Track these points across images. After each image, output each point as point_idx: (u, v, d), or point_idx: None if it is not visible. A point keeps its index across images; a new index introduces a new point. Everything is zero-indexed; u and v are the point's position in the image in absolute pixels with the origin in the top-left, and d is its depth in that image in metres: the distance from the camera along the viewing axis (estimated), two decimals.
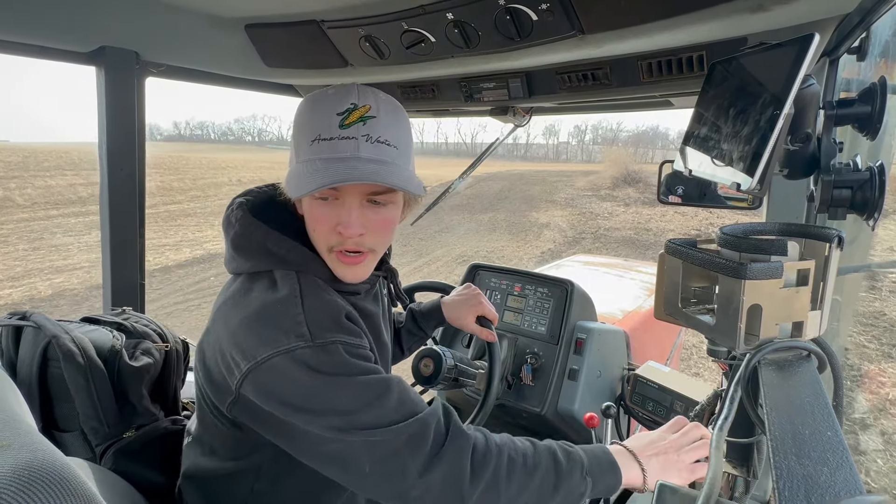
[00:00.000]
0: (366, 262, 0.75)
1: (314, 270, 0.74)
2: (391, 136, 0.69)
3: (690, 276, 0.68)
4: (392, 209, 0.74)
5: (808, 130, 0.63)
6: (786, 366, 0.56)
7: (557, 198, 18.91)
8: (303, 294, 0.69)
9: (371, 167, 0.66)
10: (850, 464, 0.38)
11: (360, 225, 0.70)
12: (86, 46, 1.07)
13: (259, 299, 0.69)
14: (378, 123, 0.68)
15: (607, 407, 0.92)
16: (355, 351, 0.67)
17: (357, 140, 0.67)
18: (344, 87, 0.70)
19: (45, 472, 0.36)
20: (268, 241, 0.73)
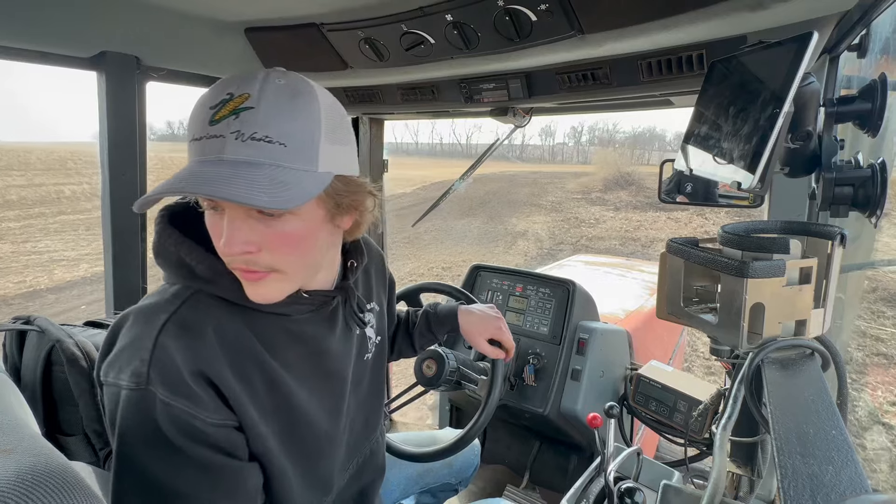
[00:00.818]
0: (269, 281, 0.62)
1: (225, 289, 0.63)
2: (276, 132, 0.55)
3: (692, 275, 0.68)
4: (291, 223, 0.60)
5: (809, 128, 0.63)
6: (789, 364, 0.56)
7: (544, 201, 17.94)
8: (164, 327, 0.59)
9: (231, 172, 0.53)
10: (856, 462, 0.38)
11: (243, 242, 0.58)
12: (87, 52, 1.07)
13: (135, 311, 0.62)
14: (256, 116, 0.55)
15: (610, 407, 0.91)
16: (187, 421, 0.57)
17: (224, 139, 0.54)
18: (234, 76, 0.58)
19: (48, 477, 0.36)
20: (181, 251, 0.64)
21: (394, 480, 1.17)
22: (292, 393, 0.68)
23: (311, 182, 0.57)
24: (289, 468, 0.69)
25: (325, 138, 0.59)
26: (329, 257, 0.72)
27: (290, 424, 0.69)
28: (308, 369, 0.72)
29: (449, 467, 1.26)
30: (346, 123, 0.66)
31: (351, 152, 0.66)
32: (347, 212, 0.68)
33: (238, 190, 0.52)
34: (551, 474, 1.73)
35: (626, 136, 55.02)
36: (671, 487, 0.76)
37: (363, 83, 1.35)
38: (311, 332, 0.72)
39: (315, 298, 0.71)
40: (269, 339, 0.67)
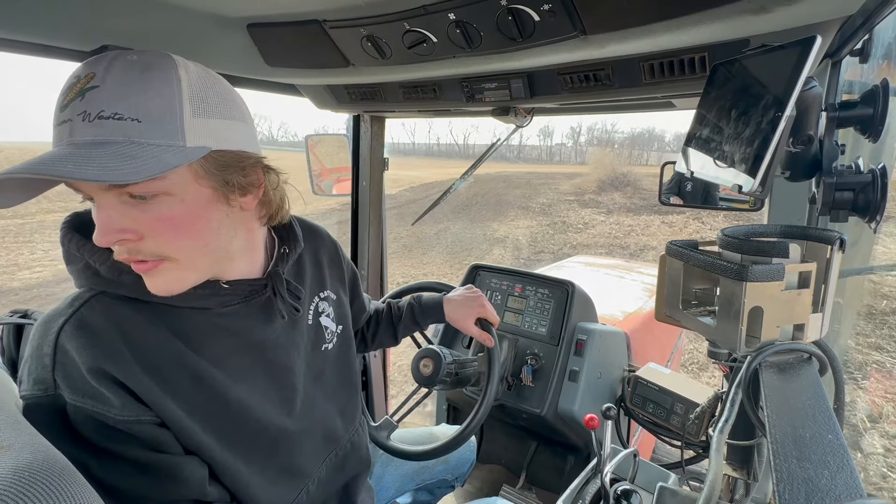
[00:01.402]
0: (162, 271, 0.59)
1: (129, 288, 0.61)
2: (125, 107, 0.52)
3: (691, 277, 0.68)
4: (168, 204, 0.56)
5: (810, 132, 0.63)
6: (787, 368, 0.56)
7: (533, 204, 16.85)
8: (61, 331, 0.57)
9: (70, 153, 0.50)
10: (851, 467, 0.38)
11: (117, 229, 0.55)
12: (87, 45, 1.07)
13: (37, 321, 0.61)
14: (101, 94, 0.51)
15: (608, 408, 0.92)
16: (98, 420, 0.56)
17: (71, 122, 0.52)
18: (91, 58, 0.55)
19: (45, 474, 0.36)
20: (84, 253, 0.62)
21: (389, 477, 1.17)
22: (225, 387, 0.67)
23: (171, 156, 0.53)
24: (236, 461, 0.68)
25: (190, 111, 0.56)
26: (240, 242, 0.68)
27: (227, 419, 0.67)
28: (244, 362, 0.70)
29: (445, 463, 1.26)
30: (228, 98, 0.62)
31: (237, 127, 0.62)
32: (244, 191, 0.64)
33: (66, 166, 0.48)
34: (548, 475, 1.73)
35: (624, 136, 54.71)
36: (667, 489, 0.76)
37: (365, 81, 1.35)
38: (242, 325, 0.70)
39: (238, 289, 0.69)
40: (190, 335, 0.65)
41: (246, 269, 0.72)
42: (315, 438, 0.82)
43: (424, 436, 1.25)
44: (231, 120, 0.61)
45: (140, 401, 0.59)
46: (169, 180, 0.56)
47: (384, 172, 1.90)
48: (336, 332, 0.89)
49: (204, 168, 0.58)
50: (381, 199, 1.90)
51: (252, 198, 0.66)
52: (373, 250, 1.93)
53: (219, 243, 0.64)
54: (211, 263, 0.65)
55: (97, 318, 0.60)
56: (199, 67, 0.61)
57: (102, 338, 0.58)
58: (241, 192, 0.64)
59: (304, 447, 0.79)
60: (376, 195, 1.88)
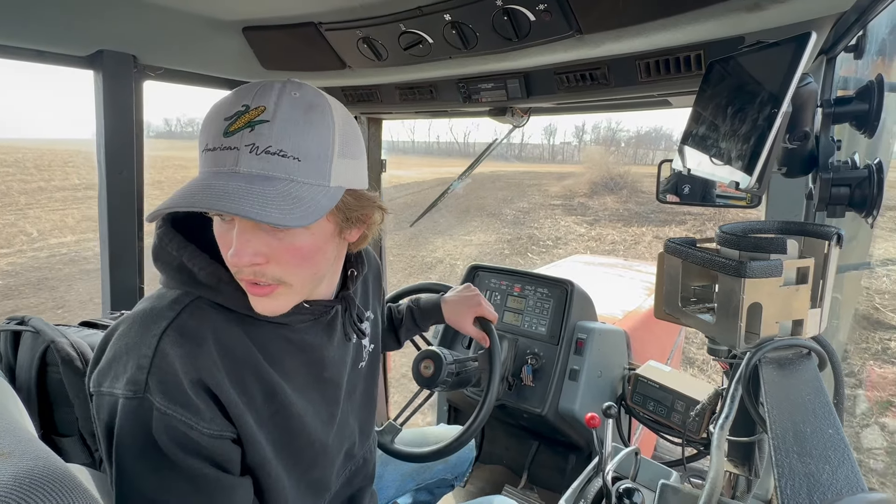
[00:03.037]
0: (277, 294, 0.62)
1: (227, 297, 0.63)
2: (290, 146, 0.55)
3: (690, 275, 0.68)
4: (301, 236, 0.60)
5: (807, 129, 0.63)
6: (786, 364, 0.56)
7: (509, 210, 15.03)
8: (165, 333, 0.57)
9: (244, 187, 0.53)
10: (852, 461, 0.38)
11: (252, 253, 0.57)
12: (84, 50, 1.06)
13: (130, 317, 0.61)
14: (272, 129, 0.54)
15: (608, 407, 0.91)
16: (182, 432, 0.56)
17: (238, 151, 0.54)
18: (249, 86, 0.58)
19: (46, 480, 0.36)
20: (183, 255, 0.63)
21: (389, 478, 1.17)
22: (290, 402, 0.68)
23: (323, 197, 0.57)
24: (284, 476, 0.69)
25: (337, 153, 0.59)
26: (333, 268, 0.72)
27: (286, 433, 0.69)
28: (306, 378, 0.72)
29: (445, 463, 1.26)
30: (358, 137, 0.65)
31: (361, 166, 0.66)
32: (355, 225, 0.67)
33: (251, 206, 0.52)
34: (549, 474, 1.73)
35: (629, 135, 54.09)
36: (669, 487, 0.76)
37: (361, 83, 1.35)
38: (310, 341, 0.72)
39: (315, 308, 0.71)
40: (268, 349, 0.67)
41: (324, 291, 0.74)
42: (341, 454, 0.83)
43: (424, 436, 1.25)
44: (359, 159, 0.65)
45: (226, 415, 0.60)
46: None
47: (381, 174, 1.90)
48: (370, 351, 0.90)
49: (336, 206, 0.61)
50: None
51: (357, 231, 0.69)
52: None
53: (325, 271, 0.67)
54: (312, 289, 0.68)
55: (199, 325, 0.60)
56: (343, 108, 0.63)
57: (204, 348, 0.59)
58: (354, 226, 0.67)
59: (335, 463, 0.81)
60: None
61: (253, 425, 0.63)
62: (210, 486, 0.58)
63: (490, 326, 1.10)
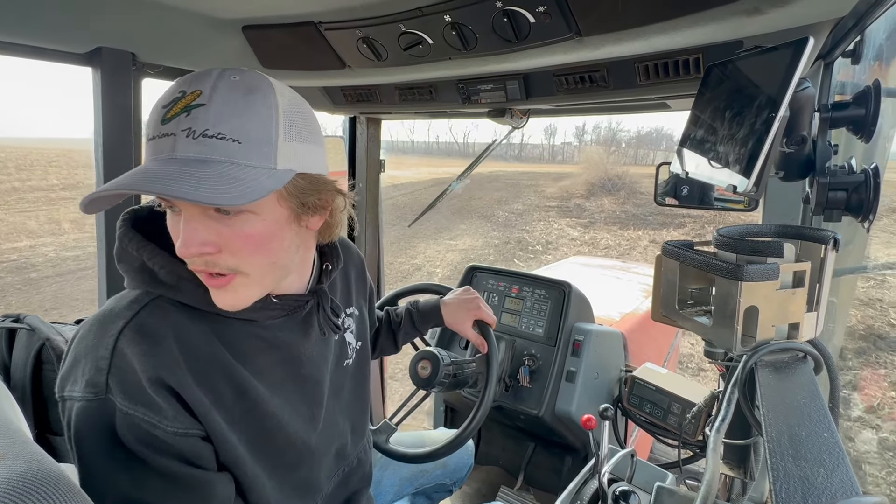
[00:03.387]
0: (234, 286, 0.60)
1: (188, 295, 0.61)
2: (229, 128, 0.54)
3: (687, 277, 0.68)
4: (251, 222, 0.58)
5: (804, 133, 0.63)
6: (782, 367, 0.57)
7: (502, 211, 14.36)
8: (121, 333, 0.56)
9: (178, 170, 0.52)
10: (847, 465, 0.38)
11: (200, 242, 0.56)
12: (82, 47, 1.06)
13: (90, 320, 0.60)
14: (208, 112, 0.53)
15: (605, 409, 0.92)
16: (146, 431, 0.55)
17: (175, 136, 0.53)
18: (191, 74, 0.57)
19: (40, 483, 0.36)
20: (143, 254, 0.62)
21: (387, 482, 1.17)
22: (264, 400, 0.67)
23: (266, 179, 0.55)
24: (262, 476, 0.68)
25: (283, 135, 0.58)
26: (299, 260, 0.70)
27: (262, 431, 0.67)
28: (282, 376, 0.70)
29: (443, 468, 1.26)
30: (310, 121, 0.64)
31: (317, 151, 0.64)
32: (315, 212, 0.66)
33: (184, 186, 0.50)
34: (546, 476, 1.73)
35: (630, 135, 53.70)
36: (664, 489, 0.77)
37: (361, 82, 1.35)
38: (284, 338, 0.71)
39: (286, 303, 0.70)
40: (238, 346, 0.65)
41: (294, 284, 0.73)
42: (330, 455, 0.82)
43: (422, 439, 1.25)
44: (312, 144, 0.63)
45: (191, 413, 0.59)
46: (266, 198, 0.57)
47: (380, 174, 1.90)
48: (356, 348, 0.89)
49: (287, 190, 0.60)
50: (377, 200, 1.90)
51: (319, 218, 0.68)
52: (369, 253, 1.93)
53: (286, 261, 0.65)
54: (275, 280, 0.66)
55: (158, 323, 0.59)
56: (291, 92, 0.63)
57: (163, 346, 0.58)
58: (314, 213, 0.66)
59: (322, 463, 0.79)
60: (373, 197, 1.88)
61: (223, 424, 0.62)
62: (184, 482, 0.58)
63: (488, 330, 1.10)
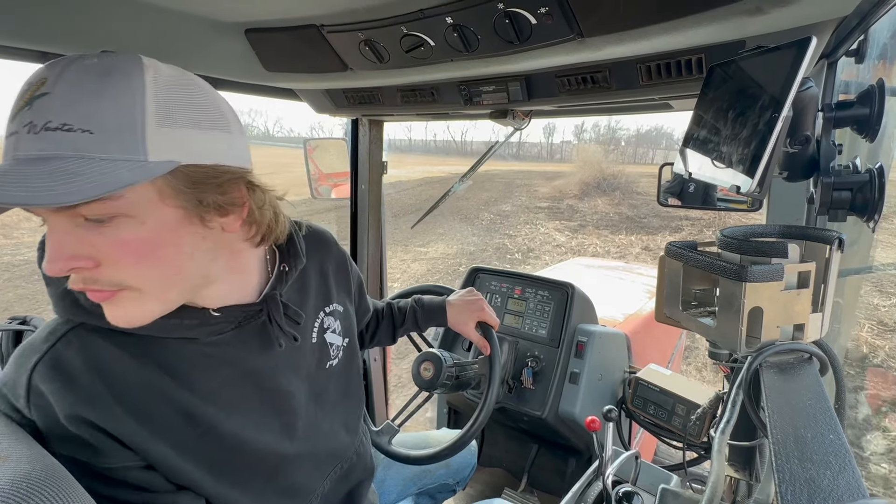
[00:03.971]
0: (121, 300, 0.52)
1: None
2: (76, 117, 0.45)
3: (691, 278, 0.68)
4: (128, 227, 0.50)
5: (807, 133, 0.63)
6: (787, 368, 0.56)
7: (488, 214, 13.39)
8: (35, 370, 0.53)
9: (17, 171, 0.44)
10: (853, 467, 0.38)
11: (69, 256, 0.48)
12: (86, 52, 1.07)
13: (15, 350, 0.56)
14: (51, 102, 0.45)
15: (609, 410, 0.91)
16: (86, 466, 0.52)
17: (18, 135, 0.46)
18: (49, 62, 0.50)
19: (44, 484, 0.36)
20: (63, 279, 0.54)
21: (390, 482, 1.17)
22: (217, 421, 0.62)
23: (125, 172, 0.46)
24: (232, 492, 0.65)
25: (155, 121, 0.48)
26: (221, 266, 0.61)
27: (222, 452, 0.63)
28: (238, 393, 0.65)
29: (446, 468, 1.26)
30: (201, 103, 0.54)
31: (216, 138, 0.54)
32: (223, 210, 0.56)
33: (10, 190, 0.42)
34: (549, 478, 1.73)
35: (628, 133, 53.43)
36: (669, 491, 0.76)
37: (363, 85, 1.35)
38: (235, 354, 0.64)
39: (230, 315, 0.63)
40: (178, 369, 0.60)
41: (236, 294, 0.65)
42: (319, 456, 0.80)
43: (425, 440, 1.25)
44: (208, 130, 0.53)
45: (124, 445, 0.55)
46: (127, 200, 0.48)
47: (382, 175, 1.90)
48: (342, 346, 0.86)
49: (171, 186, 0.51)
50: (380, 202, 1.91)
51: (235, 218, 0.59)
52: (372, 254, 1.93)
53: (194, 270, 0.57)
54: (183, 291, 0.57)
55: (74, 356, 0.54)
56: (175, 70, 0.54)
57: (79, 380, 0.53)
58: (221, 212, 0.56)
59: (307, 467, 0.77)
60: (375, 198, 1.88)
61: (167, 451, 0.58)
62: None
63: (491, 332, 1.10)
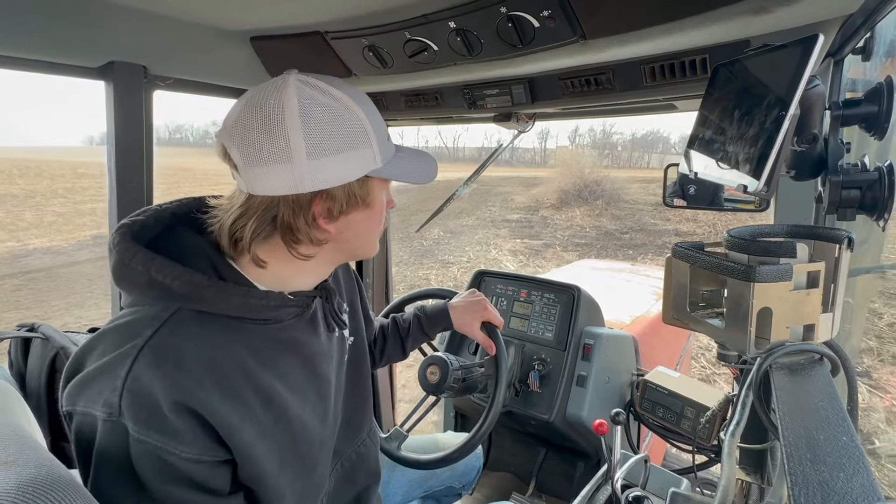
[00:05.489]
0: None
1: (209, 303, 0.59)
2: None
3: (699, 279, 0.67)
4: None
5: (815, 131, 0.63)
6: (798, 369, 0.56)
7: (439, 230, 11.76)
8: (140, 354, 0.55)
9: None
10: (868, 469, 0.37)
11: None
12: (95, 62, 1.08)
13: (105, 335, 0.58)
14: None
15: (617, 413, 0.91)
16: (158, 457, 0.54)
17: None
18: None
19: (50, 489, 0.36)
20: (151, 268, 0.58)
21: (395, 484, 1.16)
22: (289, 405, 0.66)
23: None
24: (285, 487, 0.67)
25: None
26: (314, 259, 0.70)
27: (290, 439, 0.67)
28: (300, 377, 0.70)
29: (452, 471, 1.25)
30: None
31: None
32: None
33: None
34: (557, 482, 1.71)
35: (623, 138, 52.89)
36: (679, 495, 0.75)
37: (367, 90, 1.36)
38: (299, 337, 0.70)
39: (299, 300, 0.69)
40: (261, 351, 0.64)
41: (307, 282, 0.72)
42: (330, 450, 0.82)
43: (432, 443, 1.24)
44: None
45: (214, 434, 0.57)
46: None
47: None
48: (350, 343, 0.90)
49: None
50: None
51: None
52: (377, 259, 1.93)
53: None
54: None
55: (181, 342, 0.57)
56: None
57: (187, 366, 0.56)
58: None
59: (328, 460, 0.79)
60: None
61: (252, 439, 0.60)
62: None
63: (496, 332, 1.09)
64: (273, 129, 0.57)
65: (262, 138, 0.57)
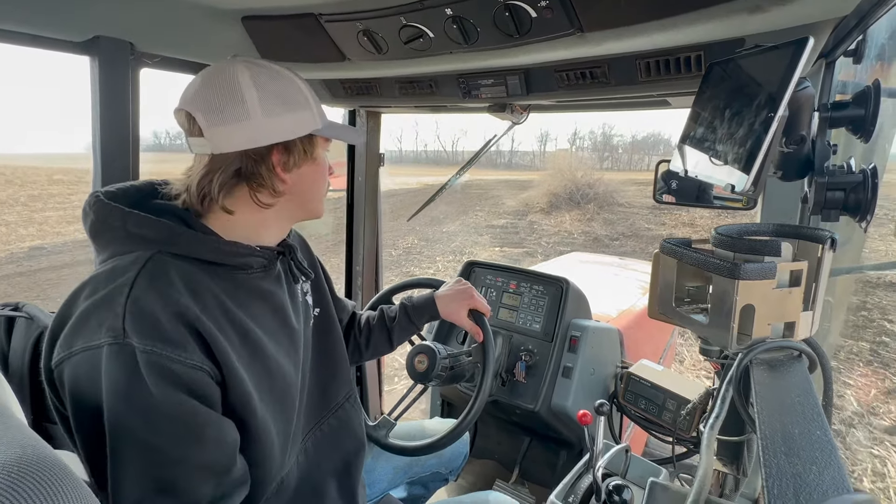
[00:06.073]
0: None
1: (185, 246, 0.66)
2: None
3: (685, 275, 0.69)
4: None
5: (803, 133, 0.63)
6: (777, 365, 0.57)
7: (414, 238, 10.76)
8: (135, 282, 0.60)
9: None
10: (839, 463, 0.39)
11: None
12: (80, 36, 1.05)
13: (92, 281, 0.63)
14: None
15: (600, 404, 0.92)
16: (163, 365, 0.58)
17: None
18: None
19: (35, 468, 0.36)
20: (128, 223, 0.65)
21: (381, 470, 1.17)
22: (263, 343, 0.71)
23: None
24: (269, 420, 0.71)
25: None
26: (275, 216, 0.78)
27: (266, 374, 0.71)
28: (272, 323, 0.75)
29: (438, 457, 1.27)
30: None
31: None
32: None
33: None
34: (540, 470, 1.74)
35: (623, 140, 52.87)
36: (658, 484, 0.77)
37: (361, 76, 1.34)
38: (269, 288, 0.76)
39: (265, 253, 0.75)
40: (234, 293, 0.70)
41: (271, 239, 0.79)
42: (305, 408, 0.85)
43: (419, 430, 1.25)
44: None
45: (207, 348, 0.63)
46: None
47: (380, 168, 1.89)
48: (316, 314, 0.93)
49: None
50: (376, 194, 1.90)
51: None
52: (368, 246, 1.93)
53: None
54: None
55: (166, 270, 0.64)
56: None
57: (178, 288, 0.63)
58: None
59: (300, 409, 0.82)
60: (372, 190, 1.87)
61: (235, 362, 0.65)
62: (197, 420, 0.60)
63: (483, 319, 1.10)
64: (232, 93, 0.68)
65: (224, 101, 0.67)
